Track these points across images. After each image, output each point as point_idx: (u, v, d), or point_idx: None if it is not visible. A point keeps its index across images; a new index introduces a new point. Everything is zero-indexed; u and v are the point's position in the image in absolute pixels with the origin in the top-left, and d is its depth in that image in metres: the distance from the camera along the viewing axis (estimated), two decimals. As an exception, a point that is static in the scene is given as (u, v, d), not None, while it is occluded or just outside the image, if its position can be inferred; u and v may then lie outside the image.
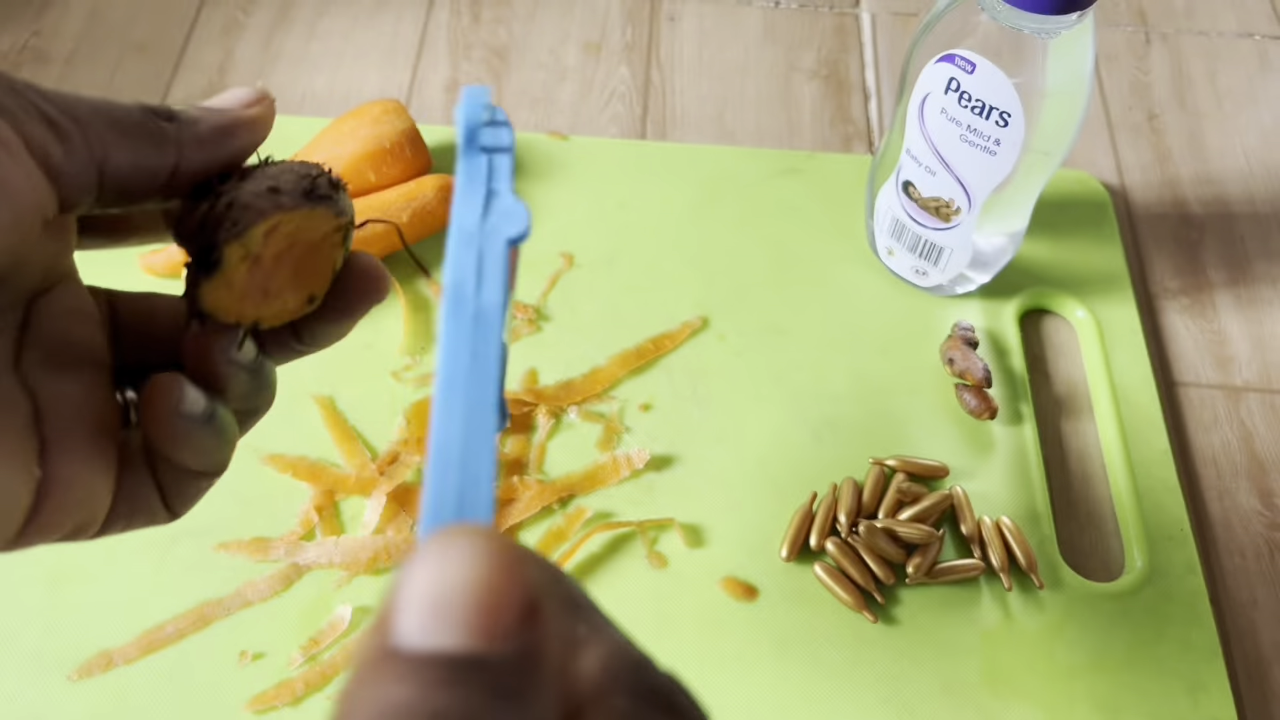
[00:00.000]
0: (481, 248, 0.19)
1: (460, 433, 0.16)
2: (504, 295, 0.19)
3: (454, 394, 0.17)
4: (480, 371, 0.17)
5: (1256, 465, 0.46)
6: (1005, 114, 0.39)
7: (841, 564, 0.41)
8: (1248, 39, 0.62)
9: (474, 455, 0.16)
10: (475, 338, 0.17)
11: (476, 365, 0.17)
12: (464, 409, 0.17)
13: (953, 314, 0.48)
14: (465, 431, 0.16)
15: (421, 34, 0.60)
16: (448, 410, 0.17)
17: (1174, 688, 0.39)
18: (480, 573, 0.13)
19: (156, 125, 0.20)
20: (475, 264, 0.18)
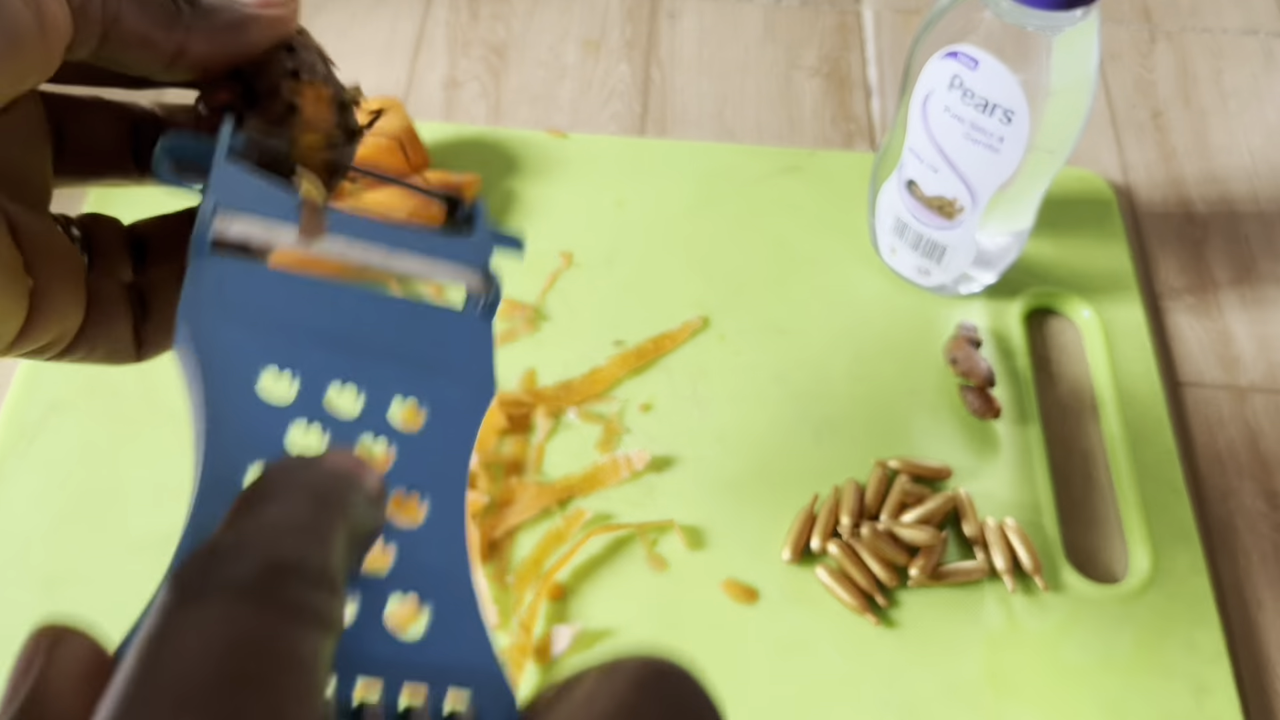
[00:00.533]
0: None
1: None
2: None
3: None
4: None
5: (1262, 466, 0.45)
6: (1009, 111, 0.39)
7: (844, 566, 0.40)
8: (1253, 36, 0.62)
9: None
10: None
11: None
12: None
13: (956, 314, 0.48)
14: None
15: (419, 31, 0.60)
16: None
17: (1179, 690, 0.39)
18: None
19: (172, 4, 0.21)
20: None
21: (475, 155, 0.52)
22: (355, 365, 0.18)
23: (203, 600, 0.13)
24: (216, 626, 0.13)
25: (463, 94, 0.57)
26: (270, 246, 0.19)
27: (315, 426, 0.17)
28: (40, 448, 0.42)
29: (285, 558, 0.14)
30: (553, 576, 0.40)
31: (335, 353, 0.18)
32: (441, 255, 0.21)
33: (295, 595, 0.13)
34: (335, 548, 0.14)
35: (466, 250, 0.21)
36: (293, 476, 0.15)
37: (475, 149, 0.53)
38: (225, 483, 0.15)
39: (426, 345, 0.20)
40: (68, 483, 0.42)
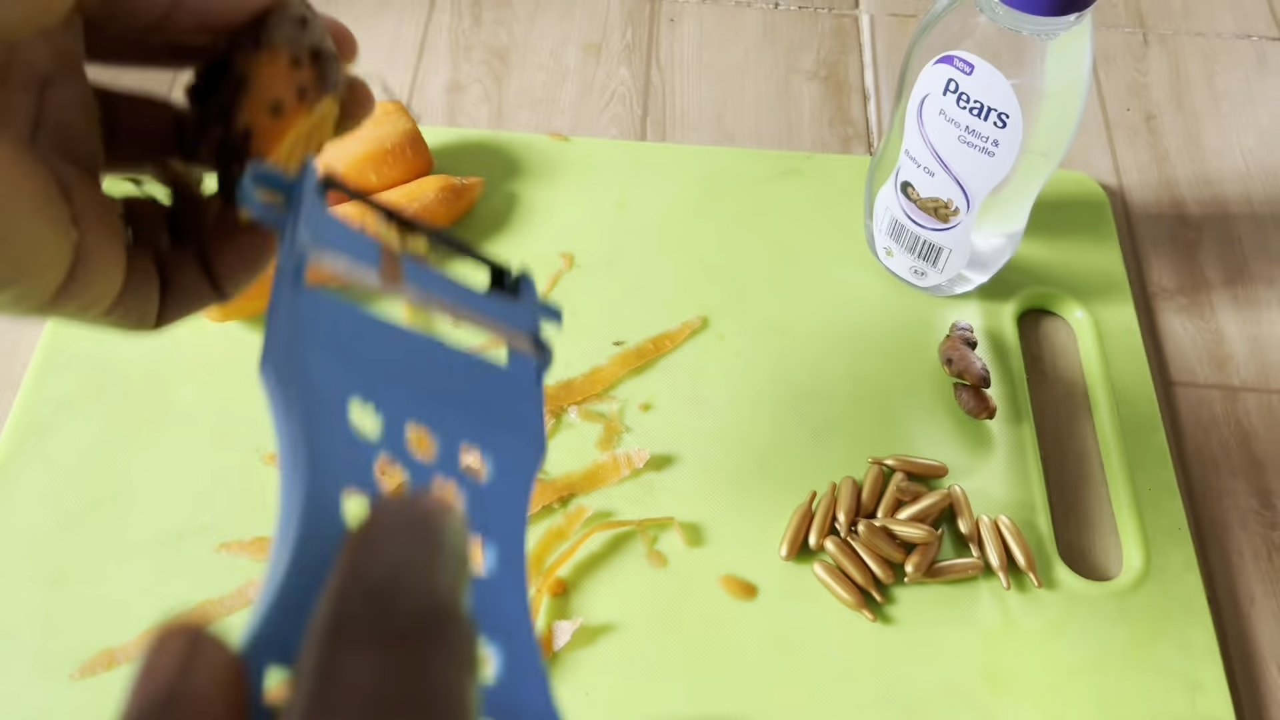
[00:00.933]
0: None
1: None
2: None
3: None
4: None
5: (1254, 465, 0.46)
6: (1003, 115, 0.39)
7: (840, 563, 0.41)
8: (1245, 40, 0.63)
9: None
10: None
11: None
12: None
13: (951, 314, 0.49)
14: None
15: (422, 35, 0.61)
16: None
17: (1172, 687, 0.39)
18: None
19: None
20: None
21: (478, 158, 0.53)
22: (428, 408, 0.18)
23: (368, 641, 0.13)
24: (387, 669, 0.13)
25: (465, 98, 0.58)
26: (354, 285, 0.19)
27: (397, 464, 0.17)
28: (50, 445, 0.43)
29: (442, 602, 0.14)
30: (554, 573, 0.40)
31: (411, 393, 0.18)
32: (498, 316, 0.22)
33: (455, 640, 0.14)
34: (465, 590, 0.15)
35: (518, 314, 0.22)
36: (401, 515, 0.15)
37: (478, 152, 0.53)
38: (326, 510, 0.15)
39: (488, 398, 0.20)
40: (77, 480, 0.42)
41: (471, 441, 0.19)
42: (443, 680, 0.13)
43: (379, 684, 0.13)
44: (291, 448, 0.16)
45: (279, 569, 0.15)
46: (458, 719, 0.13)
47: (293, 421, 0.16)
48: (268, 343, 0.17)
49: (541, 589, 0.40)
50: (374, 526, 0.15)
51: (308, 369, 0.17)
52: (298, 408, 0.16)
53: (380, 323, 0.19)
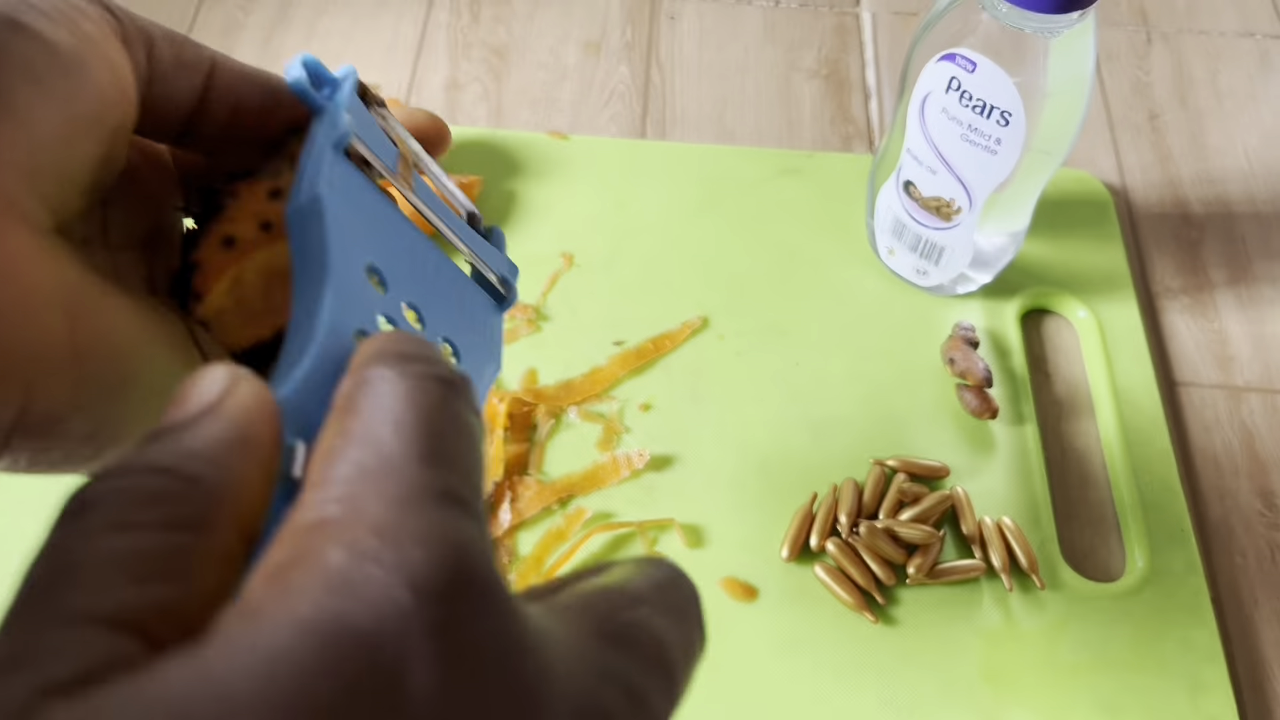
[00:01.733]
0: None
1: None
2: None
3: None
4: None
5: (1258, 465, 0.46)
6: (1006, 113, 0.39)
7: (842, 564, 0.41)
8: (1249, 38, 0.62)
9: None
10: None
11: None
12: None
13: (954, 314, 0.48)
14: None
15: (421, 33, 0.60)
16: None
17: (1175, 688, 0.39)
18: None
19: (192, 44, 0.21)
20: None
21: (477, 157, 0.53)
22: (421, 296, 0.21)
23: (401, 374, 0.15)
24: (419, 392, 0.15)
25: (464, 96, 0.58)
26: (378, 176, 0.21)
27: (389, 326, 0.19)
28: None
29: (461, 376, 0.16)
30: (554, 574, 0.40)
31: (410, 278, 0.20)
32: (477, 249, 0.24)
33: (473, 400, 0.16)
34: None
35: (492, 255, 0.25)
36: (403, 338, 0.16)
37: (477, 151, 0.53)
38: (339, 332, 0.17)
39: (465, 308, 0.23)
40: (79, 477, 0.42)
41: (448, 338, 0.21)
42: (467, 416, 0.15)
43: (417, 398, 0.14)
44: (311, 271, 0.17)
45: (302, 359, 0.16)
46: (477, 448, 0.15)
47: (315, 251, 0.17)
48: (300, 188, 0.18)
49: (541, 590, 0.40)
50: (387, 335, 0.16)
51: (338, 217, 0.18)
52: (325, 241, 0.17)
53: (392, 209, 0.21)
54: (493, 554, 0.14)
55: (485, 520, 0.14)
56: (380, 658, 0.11)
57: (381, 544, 0.12)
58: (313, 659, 0.11)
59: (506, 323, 0.47)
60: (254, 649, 0.11)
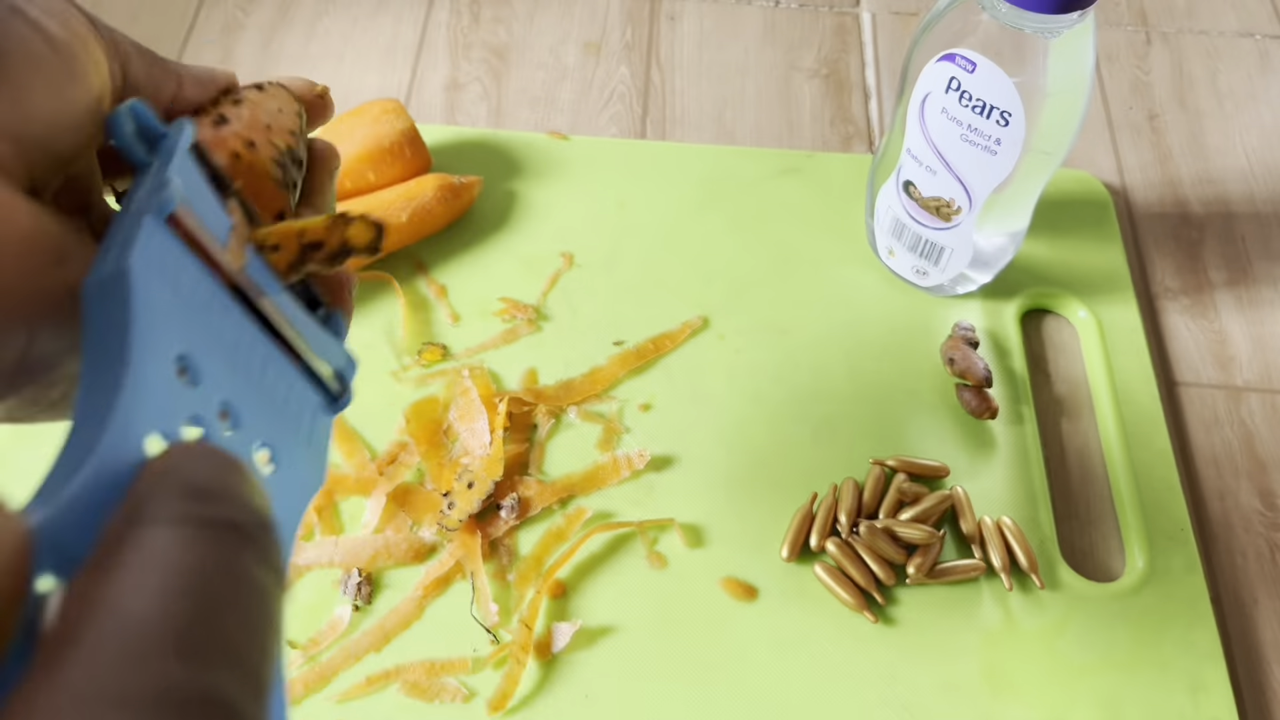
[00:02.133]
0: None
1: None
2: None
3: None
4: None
5: (1257, 465, 0.46)
6: (1006, 113, 0.39)
7: (842, 564, 0.41)
8: (1248, 38, 0.62)
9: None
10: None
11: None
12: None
13: (953, 314, 0.48)
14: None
15: (421, 34, 0.60)
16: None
17: (1175, 687, 0.39)
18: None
19: (160, 57, 0.22)
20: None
21: (476, 157, 0.53)
22: (240, 395, 0.18)
23: (185, 525, 0.13)
24: (203, 550, 0.13)
25: (464, 96, 0.58)
26: (205, 250, 0.19)
27: (197, 431, 0.17)
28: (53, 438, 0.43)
29: (261, 516, 0.14)
30: (554, 574, 0.40)
31: (230, 373, 0.18)
32: (314, 340, 0.22)
33: (272, 548, 0.14)
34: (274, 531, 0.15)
35: (331, 348, 0.23)
36: (209, 451, 0.15)
37: (476, 151, 0.53)
38: (130, 437, 0.15)
39: (290, 409, 0.20)
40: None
41: (266, 442, 0.19)
42: (257, 577, 0.13)
43: (191, 560, 0.12)
44: (105, 365, 0.15)
45: (75, 474, 0.14)
46: (265, 619, 0.13)
47: (114, 341, 0.15)
48: (104, 258, 0.16)
49: (541, 590, 0.40)
50: (182, 450, 0.15)
51: (150, 301, 0.16)
52: (127, 330, 0.15)
53: (218, 290, 0.19)
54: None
55: (263, 707, 0.12)
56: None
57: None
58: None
59: (507, 323, 0.47)
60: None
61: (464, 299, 0.48)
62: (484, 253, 0.50)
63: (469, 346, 0.46)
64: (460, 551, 0.41)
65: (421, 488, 0.42)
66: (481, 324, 0.47)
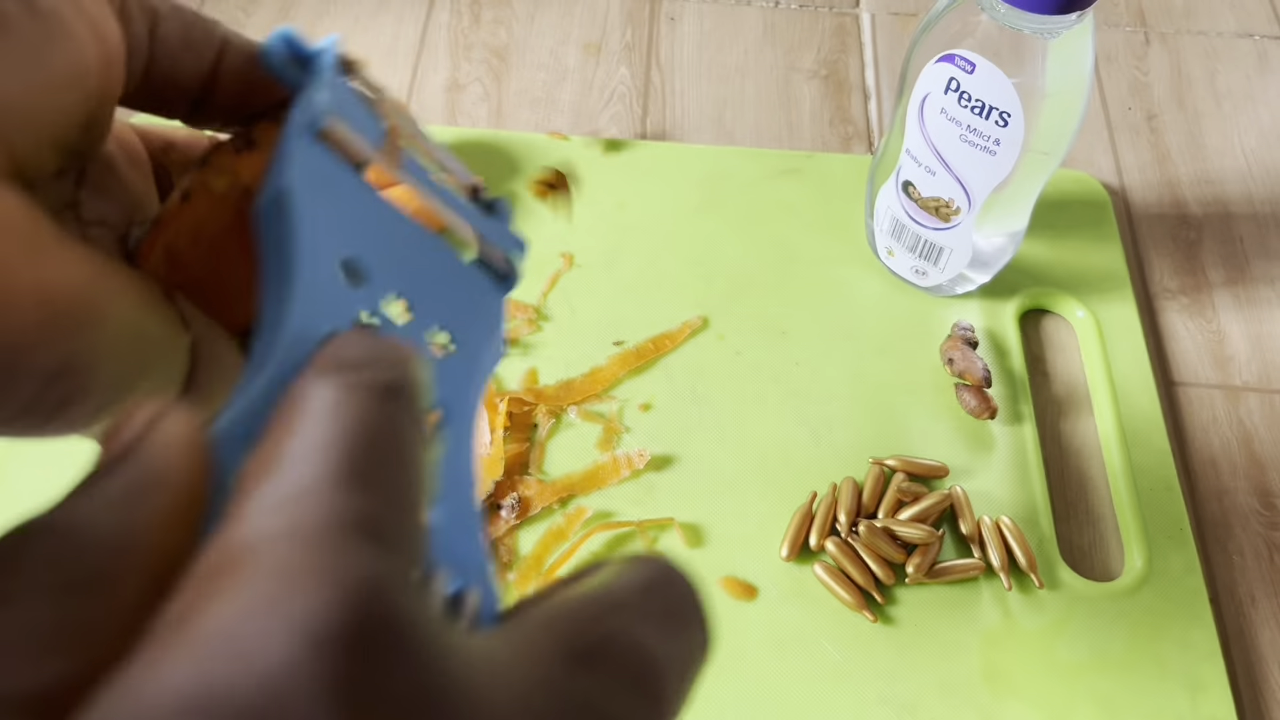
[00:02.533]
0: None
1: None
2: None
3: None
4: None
5: (1256, 465, 0.46)
6: (1005, 114, 0.39)
7: (841, 564, 0.41)
8: (1247, 39, 0.62)
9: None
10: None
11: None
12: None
13: (952, 314, 0.49)
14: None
15: (422, 34, 0.60)
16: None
17: (1173, 687, 0.39)
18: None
19: (203, 19, 0.21)
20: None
21: (477, 157, 0.53)
22: (410, 285, 0.20)
23: (341, 384, 0.14)
24: (355, 407, 0.14)
25: (465, 97, 0.58)
26: (359, 159, 0.20)
27: (374, 320, 0.19)
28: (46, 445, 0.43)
29: (411, 381, 0.15)
30: (554, 573, 0.40)
31: (397, 267, 0.20)
32: (478, 226, 0.23)
33: (418, 410, 0.15)
34: (427, 396, 0.16)
35: (495, 231, 0.24)
36: (372, 338, 0.16)
37: (477, 151, 0.53)
38: (305, 339, 0.16)
39: (461, 293, 0.22)
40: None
41: (443, 325, 0.21)
42: (400, 426, 0.14)
43: (338, 412, 0.14)
44: (280, 271, 0.17)
45: (257, 377, 0.15)
46: (410, 463, 0.14)
47: (285, 249, 0.17)
48: (267, 182, 0.17)
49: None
50: (339, 339, 0.16)
51: (311, 209, 0.17)
52: (295, 238, 0.17)
53: (375, 195, 0.20)
54: (418, 589, 0.12)
55: (414, 548, 0.13)
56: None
57: (280, 589, 0.11)
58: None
59: (507, 323, 0.47)
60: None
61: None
62: (484, 253, 0.50)
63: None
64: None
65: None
66: (482, 324, 0.47)
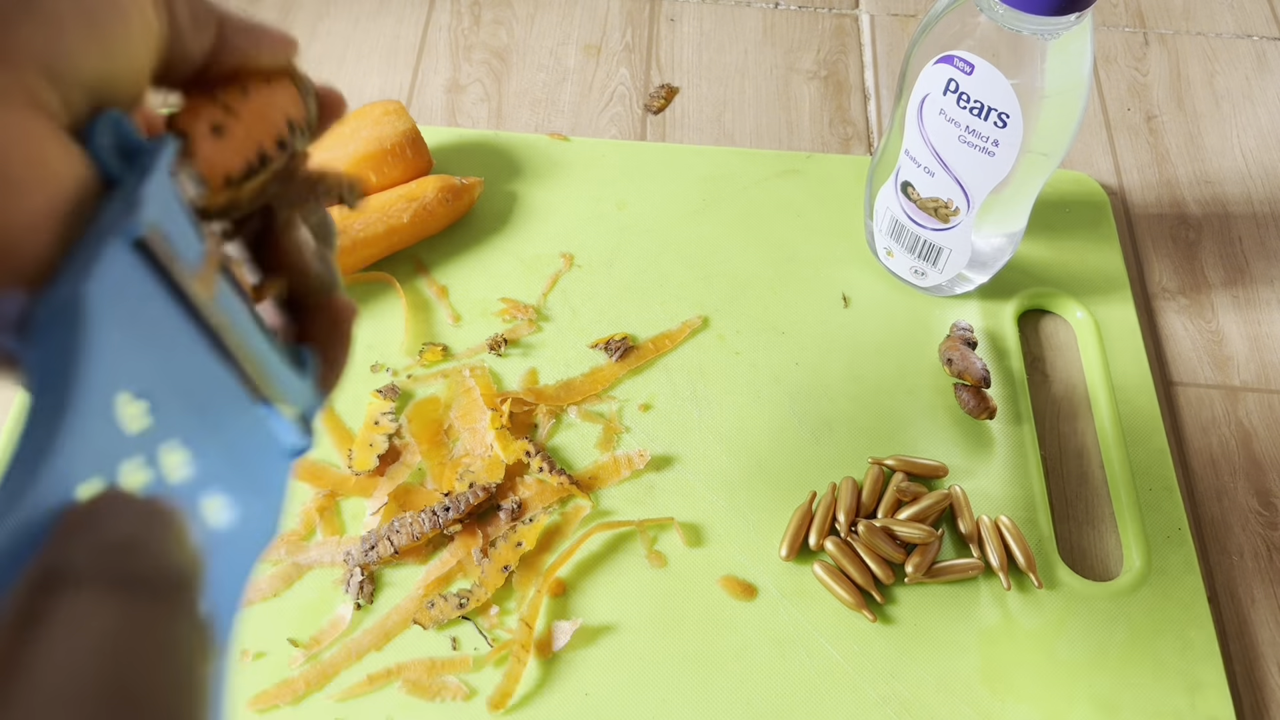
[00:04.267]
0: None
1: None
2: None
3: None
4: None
5: (1254, 465, 0.46)
6: (1004, 115, 0.39)
7: (840, 563, 0.41)
8: (1245, 40, 0.63)
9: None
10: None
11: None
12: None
13: (951, 314, 0.49)
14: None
15: (422, 36, 0.61)
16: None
17: (1172, 686, 0.39)
18: None
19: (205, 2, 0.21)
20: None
21: (477, 158, 0.53)
22: (196, 433, 0.17)
23: (100, 586, 0.12)
24: (120, 615, 0.12)
25: (465, 98, 0.58)
26: (173, 278, 0.17)
27: (143, 473, 0.16)
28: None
29: (184, 574, 0.13)
30: (554, 573, 0.40)
31: (186, 411, 0.17)
32: (280, 379, 0.21)
33: (194, 610, 0.13)
34: (202, 584, 0.14)
35: (298, 389, 0.22)
36: (137, 501, 0.14)
37: (477, 152, 0.53)
38: (60, 481, 0.14)
39: (250, 453, 0.19)
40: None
41: (221, 490, 0.18)
42: (177, 635, 0.12)
43: (106, 620, 0.12)
44: (46, 404, 0.14)
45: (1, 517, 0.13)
46: (187, 677, 0.12)
47: (58, 379, 0.14)
48: (59, 280, 0.15)
49: (541, 589, 0.40)
50: (108, 500, 0.14)
51: (101, 335, 0.15)
52: (74, 368, 0.14)
53: (182, 320, 0.17)
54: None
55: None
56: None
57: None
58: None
59: (508, 323, 0.47)
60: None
61: (465, 299, 0.48)
62: (485, 253, 0.50)
63: (470, 346, 0.47)
64: (461, 551, 0.41)
65: (422, 487, 0.42)
66: (482, 324, 0.47)
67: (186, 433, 0.17)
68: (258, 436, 0.20)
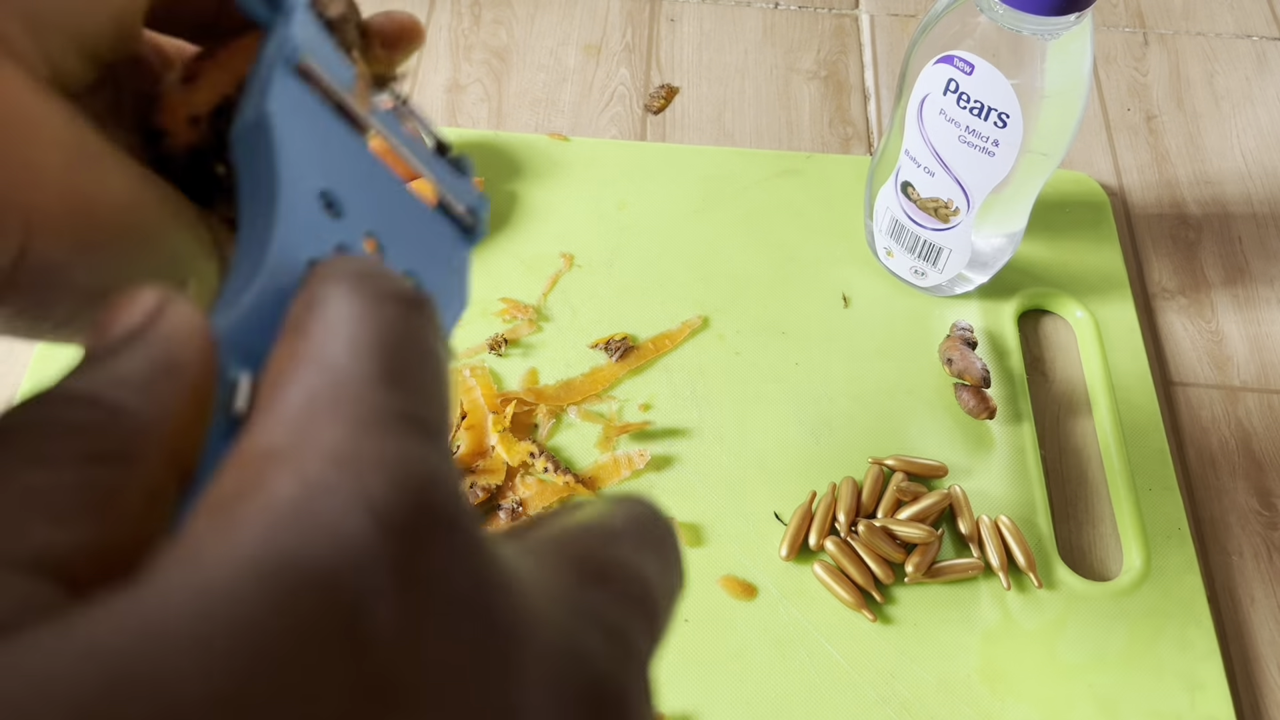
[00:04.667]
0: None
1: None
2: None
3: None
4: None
5: (1254, 465, 0.46)
6: (1004, 115, 0.39)
7: (840, 563, 0.41)
8: (1245, 40, 0.63)
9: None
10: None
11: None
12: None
13: (951, 314, 0.49)
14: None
15: (422, 35, 0.61)
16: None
17: (1172, 686, 0.39)
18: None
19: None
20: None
21: (478, 158, 0.53)
22: (380, 226, 0.19)
23: (360, 295, 0.14)
24: (379, 320, 0.13)
25: (465, 98, 0.58)
26: (332, 97, 0.19)
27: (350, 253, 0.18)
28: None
29: (420, 292, 0.15)
30: (554, 573, 0.40)
31: (368, 208, 0.19)
32: (444, 179, 0.23)
33: (434, 316, 0.14)
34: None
35: (461, 186, 0.24)
36: (361, 257, 0.15)
37: (478, 152, 0.53)
38: (288, 263, 0.16)
39: (430, 242, 0.22)
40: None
41: (410, 271, 0.20)
42: (432, 337, 0.14)
43: (375, 319, 0.13)
44: (262, 195, 0.16)
45: (245, 291, 0.15)
46: (443, 374, 0.14)
47: (266, 176, 0.16)
48: (246, 105, 0.17)
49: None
50: (346, 257, 0.15)
51: (291, 138, 0.17)
52: (276, 165, 0.16)
53: (349, 133, 0.19)
54: (460, 486, 0.12)
55: (450, 452, 0.13)
56: (336, 597, 0.10)
57: (337, 472, 0.11)
58: (259, 599, 0.10)
59: (508, 323, 0.47)
60: (192, 589, 0.10)
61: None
62: (485, 253, 0.50)
63: (471, 346, 0.47)
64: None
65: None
66: (483, 324, 0.47)
67: (375, 224, 0.19)
68: (435, 227, 0.22)
